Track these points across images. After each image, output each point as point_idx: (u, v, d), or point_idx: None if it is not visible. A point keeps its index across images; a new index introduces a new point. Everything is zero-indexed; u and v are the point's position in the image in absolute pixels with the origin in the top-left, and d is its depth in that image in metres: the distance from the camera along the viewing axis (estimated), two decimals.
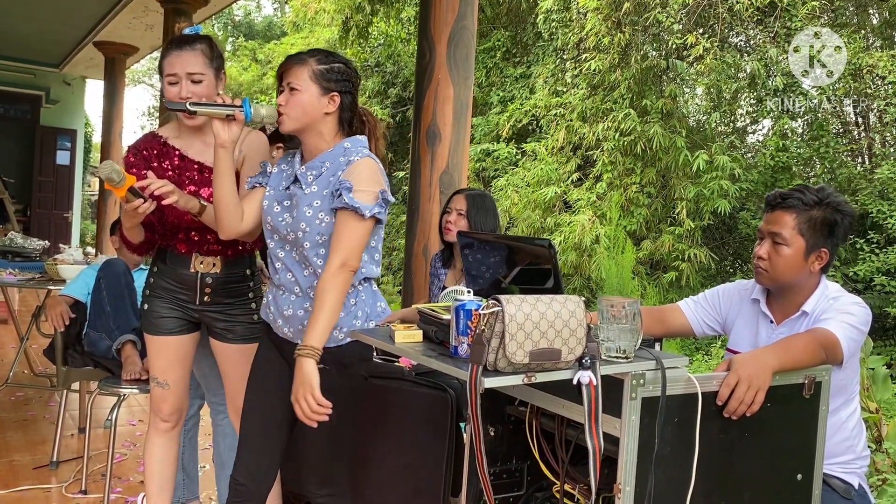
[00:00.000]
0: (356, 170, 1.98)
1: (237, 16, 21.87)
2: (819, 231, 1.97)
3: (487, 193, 3.04)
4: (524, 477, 2.03)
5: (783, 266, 1.99)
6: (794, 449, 1.77)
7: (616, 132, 9.47)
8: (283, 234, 2.08)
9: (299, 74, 2.02)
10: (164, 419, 2.46)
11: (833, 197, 1.99)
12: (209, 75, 2.29)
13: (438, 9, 3.70)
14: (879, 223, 8.40)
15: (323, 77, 2.03)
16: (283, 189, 2.10)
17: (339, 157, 2.03)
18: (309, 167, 2.06)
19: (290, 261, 2.09)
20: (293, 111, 2.02)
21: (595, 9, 9.63)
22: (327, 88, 2.03)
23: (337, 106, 2.05)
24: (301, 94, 2.01)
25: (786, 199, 2.00)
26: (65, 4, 8.04)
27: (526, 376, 1.42)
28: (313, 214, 2.00)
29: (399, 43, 13.90)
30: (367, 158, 2.02)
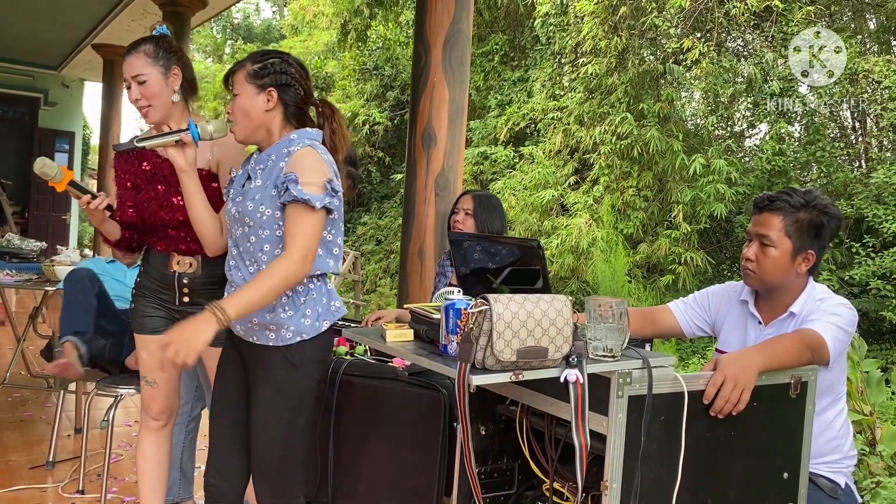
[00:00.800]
0: (299, 160, 1.93)
1: (236, 18, 21.91)
2: (806, 233, 2.00)
3: (494, 195, 3.07)
4: (515, 475, 2.05)
5: (770, 267, 2.02)
6: (781, 448, 1.79)
7: (613, 136, 9.50)
8: (233, 232, 2.06)
9: (238, 79, 2.02)
10: (153, 417, 2.47)
11: (820, 199, 2.02)
12: (153, 73, 2.27)
13: (434, 12, 3.72)
14: (875, 227, 8.42)
15: (256, 76, 2.00)
16: (240, 187, 2.08)
17: (283, 148, 2.00)
18: (257, 161, 2.05)
19: (238, 257, 2.06)
20: (236, 117, 2.02)
21: (592, 13, 9.67)
22: (262, 86, 2.00)
23: (276, 101, 2.01)
24: (240, 98, 2.01)
25: (773, 202, 2.03)
26: (63, 7, 8.07)
27: (514, 374, 1.44)
28: (254, 208, 1.95)
29: (397, 46, 13.95)
30: (307, 148, 1.96)
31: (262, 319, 2.00)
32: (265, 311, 1.98)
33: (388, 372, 2.49)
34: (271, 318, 1.99)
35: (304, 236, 1.88)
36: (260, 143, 2.06)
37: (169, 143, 2.04)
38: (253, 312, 1.92)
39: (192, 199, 2.10)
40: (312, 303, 2.02)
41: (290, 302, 1.99)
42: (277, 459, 2.04)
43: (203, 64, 20.90)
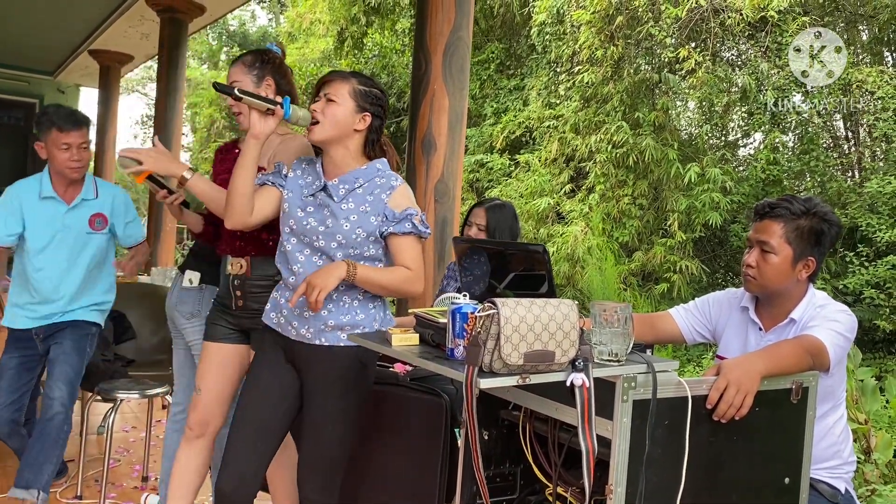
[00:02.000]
0: (406, 196, 2.15)
1: (231, 26, 21.94)
2: (806, 240, 2.02)
3: (507, 203, 3.04)
4: (517, 480, 2.05)
5: (771, 274, 2.03)
6: (782, 453, 1.80)
7: (608, 144, 9.55)
8: (308, 239, 2.14)
9: (340, 88, 2.12)
10: (189, 427, 2.48)
11: (820, 207, 2.04)
12: (245, 81, 2.40)
13: (434, 20, 3.75)
14: (869, 236, 8.49)
15: (361, 96, 2.14)
16: (308, 196, 2.16)
17: (375, 177, 2.15)
18: (342, 180, 2.15)
19: (310, 264, 2.13)
20: (328, 120, 2.11)
21: (588, 22, 9.73)
22: (362, 107, 2.14)
23: (367, 126, 2.15)
24: (338, 107, 2.11)
25: (774, 209, 2.05)
26: (60, 12, 8.07)
27: (520, 377, 1.45)
28: (350, 229, 2.10)
29: (394, 54, 13.99)
30: (405, 185, 2.18)
31: (337, 321, 2.12)
32: (339, 313, 2.12)
33: (389, 377, 2.50)
34: (347, 320, 2.12)
35: (419, 261, 2.13)
36: (332, 156, 2.16)
37: (261, 106, 2.09)
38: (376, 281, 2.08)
39: (245, 167, 2.13)
40: (379, 309, 2.19)
41: (362, 305, 2.15)
42: (336, 456, 2.17)
43: (199, 70, 20.92)
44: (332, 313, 2.11)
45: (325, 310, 2.11)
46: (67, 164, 2.93)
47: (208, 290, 2.72)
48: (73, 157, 2.94)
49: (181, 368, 2.88)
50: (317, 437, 2.15)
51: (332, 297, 2.11)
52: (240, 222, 2.17)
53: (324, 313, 2.12)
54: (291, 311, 2.15)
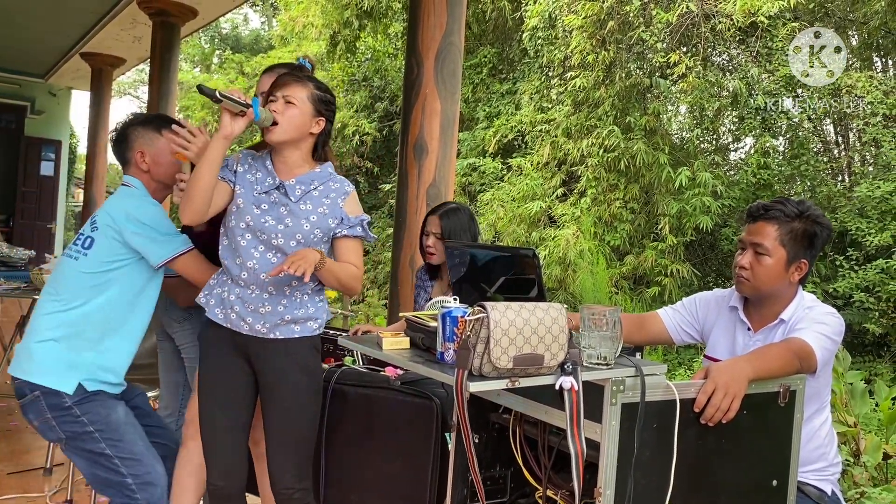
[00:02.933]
0: (357, 202, 2.32)
1: (224, 29, 21.93)
2: (800, 242, 2.04)
3: (461, 206, 2.99)
4: (508, 483, 2.06)
5: (764, 275, 2.05)
6: (770, 456, 1.82)
7: (600, 148, 9.58)
8: (265, 237, 2.19)
9: (299, 92, 2.20)
10: (185, 425, 2.51)
11: (812, 210, 2.07)
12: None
13: (426, 25, 3.76)
14: (858, 240, 8.54)
15: (318, 101, 2.23)
16: (260, 193, 2.22)
17: (328, 181, 2.27)
18: (299, 181, 2.24)
19: (264, 261, 2.19)
20: (288, 122, 2.18)
21: (580, 27, 9.77)
22: (318, 112, 2.23)
23: (321, 130, 2.25)
24: (297, 110, 2.18)
25: (768, 211, 2.07)
26: (52, 15, 8.06)
27: (510, 381, 1.46)
28: (310, 229, 2.20)
29: (386, 58, 14.01)
30: (354, 191, 2.34)
31: (293, 315, 2.22)
32: (293, 308, 2.22)
33: (380, 381, 2.51)
34: (301, 314, 2.23)
35: (360, 263, 2.30)
36: (283, 156, 2.24)
37: (235, 108, 2.10)
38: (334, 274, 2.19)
39: (211, 165, 2.13)
40: (325, 302, 2.34)
41: (311, 298, 2.27)
42: (308, 438, 2.27)
43: (191, 73, 20.87)
44: (287, 308, 2.22)
45: (279, 306, 2.21)
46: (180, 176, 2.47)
47: None
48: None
49: (167, 372, 2.89)
50: (287, 425, 2.24)
51: (284, 293, 2.21)
52: (197, 217, 2.18)
53: (279, 308, 2.20)
54: (244, 307, 2.20)
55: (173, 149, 2.40)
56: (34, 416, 2.28)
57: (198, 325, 2.68)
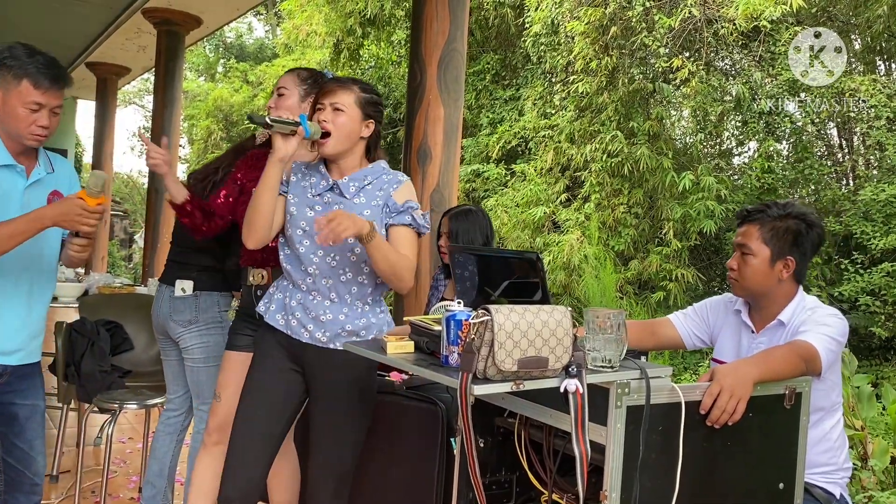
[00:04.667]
0: (410, 191, 2.23)
1: (228, 38, 22.02)
2: (783, 239, 2.08)
3: (474, 208, 3.06)
4: (513, 488, 2.06)
5: (751, 275, 2.09)
6: (776, 458, 1.81)
7: (603, 153, 9.58)
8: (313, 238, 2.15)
9: (345, 98, 2.15)
10: (209, 433, 2.50)
11: (797, 209, 2.12)
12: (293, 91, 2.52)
13: (429, 32, 3.78)
14: (863, 244, 8.52)
15: (367, 103, 2.18)
16: (314, 195, 2.20)
17: (382, 175, 2.22)
18: (351, 178, 2.20)
19: (324, 266, 2.15)
20: (339, 132, 2.15)
21: (583, 33, 9.78)
22: (367, 115, 2.19)
23: (371, 132, 2.21)
24: (346, 116, 2.14)
25: (752, 214, 2.14)
26: (57, 25, 8.10)
27: (514, 384, 1.46)
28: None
29: (389, 65, 14.04)
30: (410, 182, 2.27)
31: (353, 326, 2.17)
32: (355, 318, 2.17)
33: (385, 386, 2.51)
34: (363, 324, 2.18)
35: (415, 253, 2.19)
36: (338, 159, 2.20)
37: (286, 129, 2.09)
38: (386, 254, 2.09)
39: (269, 189, 2.14)
40: (386, 314, 2.26)
41: (372, 309, 2.21)
42: (350, 460, 2.20)
43: (196, 82, 20.96)
44: (348, 317, 2.16)
45: (340, 314, 2.16)
46: (32, 129, 2.15)
47: (203, 296, 2.73)
48: (41, 121, 2.16)
49: (176, 378, 2.90)
50: (333, 442, 2.17)
51: (346, 302, 2.16)
52: (262, 241, 2.19)
53: (340, 317, 2.16)
54: (306, 313, 2.16)
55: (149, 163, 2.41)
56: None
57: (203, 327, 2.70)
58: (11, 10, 7.56)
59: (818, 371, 1.91)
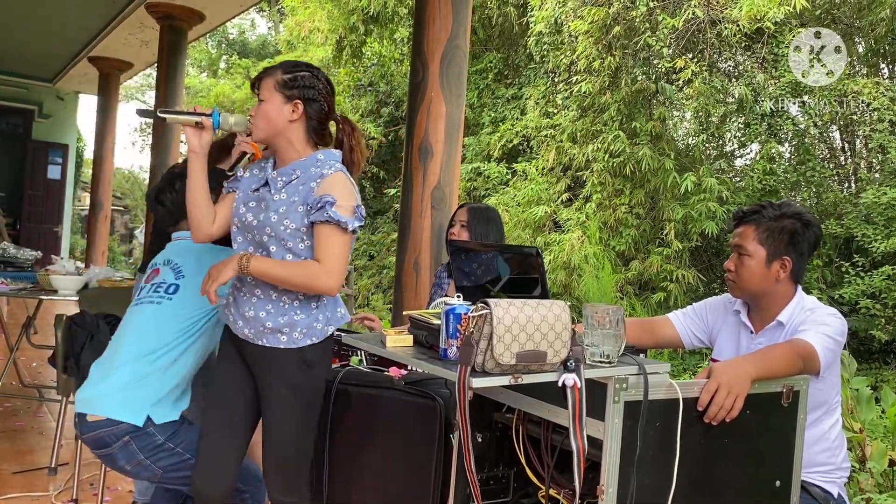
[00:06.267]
0: (333, 184, 2.03)
1: (231, 34, 22.01)
2: (779, 239, 2.07)
3: (492, 207, 3.08)
4: (510, 483, 2.06)
5: (747, 275, 2.09)
6: (773, 456, 1.81)
7: (605, 153, 9.58)
8: (251, 236, 2.12)
9: (266, 85, 2.10)
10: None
11: (793, 208, 2.12)
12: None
13: (432, 28, 3.78)
14: (865, 247, 8.51)
15: (285, 86, 2.08)
16: (252, 191, 2.15)
17: (311, 167, 2.08)
18: (280, 173, 2.12)
19: None
20: (259, 120, 2.10)
21: (586, 32, 9.78)
22: (289, 97, 2.08)
23: (301, 113, 2.09)
24: (266, 104, 2.08)
25: (748, 214, 2.14)
26: (60, 20, 8.10)
27: (513, 377, 1.46)
28: (278, 221, 2.05)
29: (392, 63, 14.04)
30: (340, 173, 2.07)
31: (275, 323, 2.09)
32: (278, 315, 2.09)
33: (383, 381, 2.51)
34: (284, 321, 2.09)
35: (338, 255, 2.02)
36: (278, 150, 2.14)
37: (189, 122, 2.09)
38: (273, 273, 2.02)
39: (194, 181, 2.14)
40: (324, 308, 2.15)
41: (302, 306, 2.11)
42: (292, 456, 2.17)
43: (198, 78, 20.97)
44: (271, 314, 2.09)
45: (262, 311, 2.09)
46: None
47: None
48: None
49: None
50: (270, 438, 2.18)
51: (271, 298, 2.09)
52: (204, 234, 2.19)
53: (262, 315, 2.09)
54: (237, 310, 2.16)
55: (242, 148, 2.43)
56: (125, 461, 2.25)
57: None
58: (13, 3, 7.56)
59: (816, 370, 1.91)
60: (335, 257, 2.01)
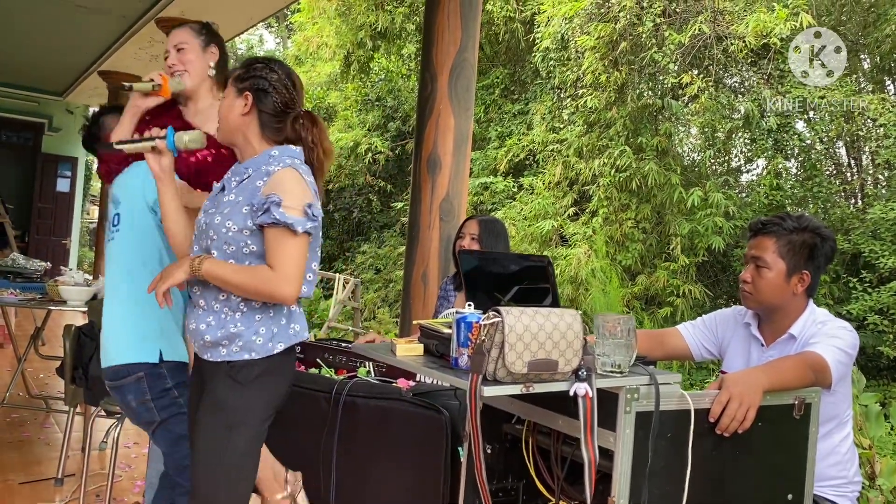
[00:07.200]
0: (279, 182, 1.86)
1: (240, 49, 22.15)
2: (799, 253, 2.06)
3: (499, 220, 3.09)
4: (520, 495, 2.05)
5: (766, 288, 2.07)
6: (785, 469, 1.80)
7: (612, 168, 9.60)
8: (202, 241, 1.97)
9: (228, 84, 2.03)
10: None
11: (812, 222, 2.10)
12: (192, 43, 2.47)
13: (441, 42, 3.79)
14: (872, 263, 8.49)
15: (238, 79, 1.99)
16: (214, 195, 2.02)
17: (263, 164, 1.93)
18: (234, 171, 2.00)
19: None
20: (218, 121, 2.02)
21: (592, 48, 9.82)
22: (241, 89, 1.97)
23: (250, 106, 1.95)
24: (223, 100, 2.02)
25: (766, 226, 2.11)
26: (71, 34, 8.16)
27: (524, 386, 1.46)
28: (220, 223, 1.89)
29: (399, 78, 14.12)
30: (288, 168, 1.89)
31: (213, 336, 1.90)
32: (217, 327, 1.90)
33: (391, 392, 2.50)
34: (222, 334, 1.89)
35: (291, 260, 1.83)
36: (238, 149, 2.02)
37: (146, 148, 2.01)
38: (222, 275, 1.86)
39: (165, 206, 2.05)
40: (268, 322, 1.92)
41: (243, 318, 1.91)
42: (212, 479, 1.91)
43: None
44: (211, 327, 1.91)
45: (203, 324, 1.92)
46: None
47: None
48: None
49: None
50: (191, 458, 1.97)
51: (212, 310, 1.91)
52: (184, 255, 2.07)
53: (202, 327, 1.92)
54: (187, 321, 2.02)
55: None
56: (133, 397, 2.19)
57: None
58: (25, 18, 7.63)
59: (828, 383, 1.90)
60: (288, 262, 1.82)
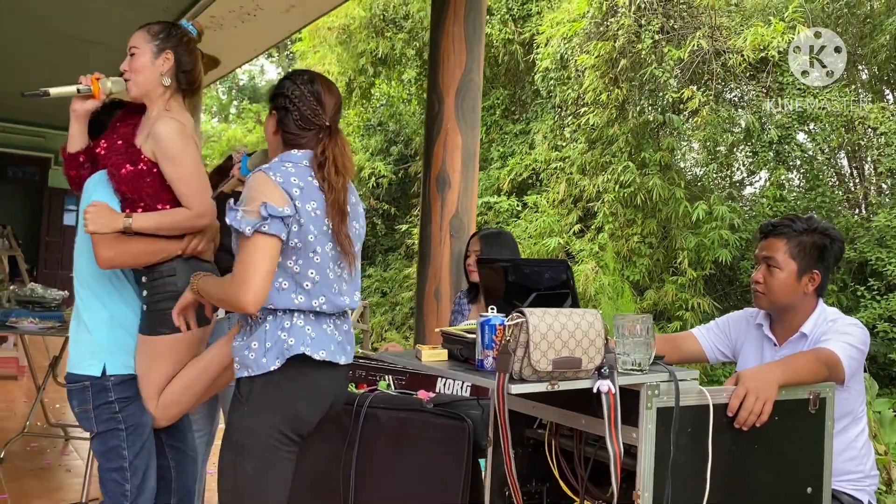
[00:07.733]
0: (246, 188, 1.86)
1: (241, 79, 22.39)
2: (809, 254, 2.12)
3: (504, 231, 3.15)
4: (543, 499, 2.09)
5: (778, 288, 2.14)
6: (803, 463, 1.84)
7: (616, 184, 9.66)
8: None
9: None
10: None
11: (820, 224, 2.17)
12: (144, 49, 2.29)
13: (447, 64, 3.89)
14: (879, 270, 8.51)
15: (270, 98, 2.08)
16: None
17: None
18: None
19: None
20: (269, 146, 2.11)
21: (592, 66, 9.93)
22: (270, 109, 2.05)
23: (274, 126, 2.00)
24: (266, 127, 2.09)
25: (776, 227, 2.19)
26: (76, 68, 8.28)
27: (549, 384, 1.51)
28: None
29: (401, 103, 14.26)
30: (258, 173, 1.85)
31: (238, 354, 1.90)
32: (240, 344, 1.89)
33: (412, 403, 2.54)
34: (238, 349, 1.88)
35: (245, 263, 1.77)
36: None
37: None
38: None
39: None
40: (261, 336, 1.84)
41: (241, 332, 1.92)
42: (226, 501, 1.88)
43: (209, 124, 21.29)
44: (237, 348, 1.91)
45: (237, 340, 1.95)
46: None
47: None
48: None
49: None
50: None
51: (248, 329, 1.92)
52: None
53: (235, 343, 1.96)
54: None
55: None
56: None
57: None
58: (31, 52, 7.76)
59: (841, 378, 1.95)
60: (241, 267, 1.77)
